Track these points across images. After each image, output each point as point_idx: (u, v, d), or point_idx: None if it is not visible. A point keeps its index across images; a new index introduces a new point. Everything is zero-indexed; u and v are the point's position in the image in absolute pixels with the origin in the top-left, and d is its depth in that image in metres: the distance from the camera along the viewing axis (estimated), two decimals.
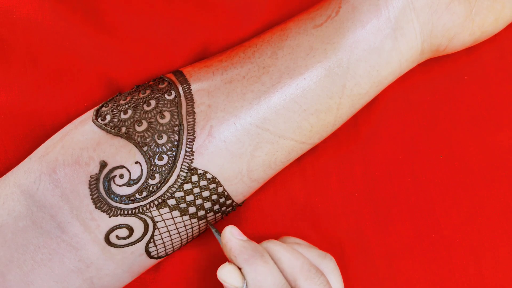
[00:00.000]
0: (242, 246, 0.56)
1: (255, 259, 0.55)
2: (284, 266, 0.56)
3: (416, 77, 0.66)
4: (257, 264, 0.55)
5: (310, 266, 0.56)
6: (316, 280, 0.56)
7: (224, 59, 0.60)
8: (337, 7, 0.59)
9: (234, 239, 0.56)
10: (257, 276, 0.55)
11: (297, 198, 0.65)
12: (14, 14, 0.62)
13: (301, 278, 0.56)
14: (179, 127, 0.57)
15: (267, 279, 0.55)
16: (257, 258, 0.55)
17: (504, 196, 0.65)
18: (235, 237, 0.56)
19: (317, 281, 0.56)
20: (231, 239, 0.56)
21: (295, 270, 0.56)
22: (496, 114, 0.66)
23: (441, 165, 0.65)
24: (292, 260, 0.56)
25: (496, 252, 0.65)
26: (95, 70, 0.62)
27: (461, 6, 0.60)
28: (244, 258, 0.55)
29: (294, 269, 0.56)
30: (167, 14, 0.62)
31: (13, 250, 0.58)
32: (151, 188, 0.57)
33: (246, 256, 0.55)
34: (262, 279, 0.55)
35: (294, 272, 0.56)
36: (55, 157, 0.58)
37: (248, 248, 0.56)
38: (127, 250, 0.58)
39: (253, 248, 0.56)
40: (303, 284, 0.56)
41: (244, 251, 0.55)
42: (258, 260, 0.55)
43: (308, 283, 0.56)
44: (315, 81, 0.58)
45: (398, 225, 0.65)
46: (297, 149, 0.60)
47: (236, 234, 0.56)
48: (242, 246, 0.56)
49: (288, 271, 0.56)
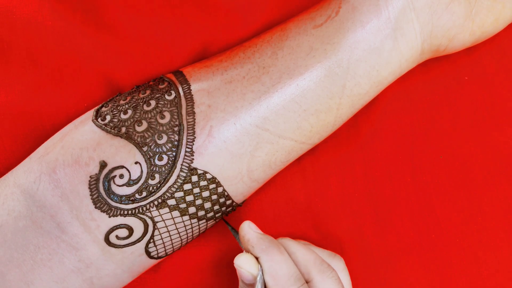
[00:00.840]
0: (259, 238, 0.58)
1: (271, 249, 0.57)
2: (299, 259, 0.58)
3: (416, 77, 0.66)
4: (274, 254, 0.57)
5: (322, 261, 0.59)
6: (329, 273, 0.58)
7: (224, 59, 0.60)
8: (337, 7, 0.59)
9: (252, 232, 0.58)
10: (273, 265, 0.57)
11: (297, 198, 0.65)
12: (14, 14, 0.62)
13: (314, 270, 0.58)
14: (179, 127, 0.57)
15: (282, 267, 0.57)
16: (274, 249, 0.58)
17: (504, 196, 0.65)
18: (253, 230, 0.59)
19: (329, 274, 0.58)
20: (249, 231, 0.58)
21: (309, 263, 0.58)
22: (496, 114, 0.66)
23: (441, 165, 0.65)
24: (306, 254, 0.58)
25: (496, 252, 0.65)
26: (95, 70, 0.62)
27: (461, 6, 0.59)
28: (261, 248, 0.58)
29: (308, 262, 0.58)
30: (167, 14, 0.62)
31: (13, 250, 0.58)
32: (151, 188, 0.57)
33: (263, 246, 0.58)
34: (278, 267, 0.57)
35: (307, 265, 0.58)
36: (55, 157, 0.58)
37: (265, 239, 0.58)
38: (127, 250, 0.58)
39: (270, 240, 0.58)
40: (316, 276, 0.58)
41: (261, 242, 0.58)
42: (274, 250, 0.57)
43: (321, 276, 0.58)
44: (315, 81, 0.58)
45: (398, 225, 0.65)
46: (297, 149, 0.60)
47: (254, 228, 0.59)
48: (259, 237, 0.58)
49: (302, 264, 0.58)
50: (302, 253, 0.59)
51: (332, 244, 0.65)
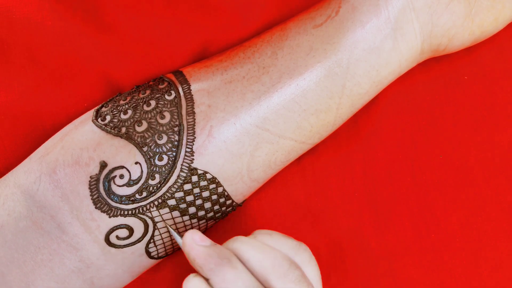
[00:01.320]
0: (206, 254, 0.52)
1: (222, 266, 0.52)
2: (254, 266, 0.53)
3: (416, 77, 0.66)
4: (225, 272, 0.52)
5: (282, 261, 0.53)
6: (290, 276, 0.53)
7: (224, 59, 0.60)
8: (337, 7, 0.59)
9: (197, 247, 0.53)
10: (227, 286, 0.52)
11: (297, 198, 0.65)
12: (14, 14, 0.62)
13: (273, 277, 0.52)
14: (179, 127, 0.57)
15: (238, 286, 0.52)
16: (224, 265, 0.52)
17: (504, 196, 0.65)
18: (198, 243, 0.53)
19: (291, 277, 0.53)
20: (193, 247, 0.53)
21: (266, 270, 0.53)
22: (496, 114, 0.66)
23: (441, 165, 0.65)
24: (262, 259, 0.53)
25: (496, 252, 0.65)
26: (95, 70, 0.62)
27: (460, 6, 0.59)
28: (210, 268, 0.52)
29: (265, 268, 0.53)
30: (167, 14, 0.62)
31: (13, 251, 0.58)
32: (151, 189, 0.57)
33: (212, 266, 0.52)
34: (232, 287, 0.52)
35: (265, 272, 0.53)
36: (55, 157, 0.58)
37: (213, 255, 0.52)
38: (127, 250, 0.58)
39: (218, 255, 0.52)
40: (276, 283, 0.52)
41: (209, 260, 0.52)
42: (225, 268, 0.52)
43: (282, 281, 0.53)
44: (315, 81, 0.58)
45: (398, 225, 0.65)
46: (297, 149, 0.60)
47: (198, 240, 0.53)
48: (206, 254, 0.52)
49: (259, 272, 0.53)
50: (257, 259, 0.52)
51: (332, 244, 0.65)
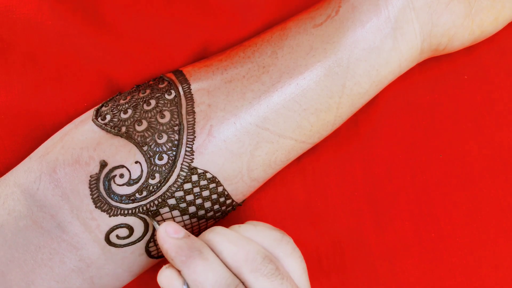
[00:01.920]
0: (177, 247, 0.53)
1: (192, 258, 0.52)
2: (227, 258, 0.53)
3: (416, 77, 0.66)
4: (196, 264, 0.52)
5: (255, 255, 0.53)
6: (263, 270, 0.52)
7: (224, 58, 0.60)
8: (337, 7, 0.59)
9: (169, 239, 0.53)
10: (197, 277, 0.52)
11: (297, 198, 0.65)
12: (14, 14, 0.62)
13: (246, 270, 0.52)
14: (179, 127, 0.57)
15: (208, 278, 0.52)
16: (195, 257, 0.52)
17: (504, 196, 0.65)
18: (170, 236, 0.53)
19: (264, 271, 0.53)
20: (166, 239, 0.53)
21: (238, 262, 0.52)
22: (496, 114, 0.66)
23: (441, 165, 0.65)
24: (235, 251, 0.53)
25: (496, 252, 0.65)
26: (95, 70, 0.62)
27: (460, 6, 0.60)
28: (181, 259, 0.52)
29: (237, 261, 0.52)
30: (167, 14, 0.62)
31: (14, 250, 0.58)
32: (151, 188, 0.57)
33: (183, 258, 0.52)
34: (203, 279, 0.52)
35: (237, 265, 0.52)
36: (55, 156, 0.58)
37: (184, 247, 0.52)
38: (127, 249, 0.58)
39: (189, 247, 0.52)
40: (248, 277, 0.52)
41: (180, 252, 0.52)
42: (196, 260, 0.52)
43: (254, 275, 0.52)
44: (315, 80, 0.58)
45: (398, 225, 0.65)
46: (297, 149, 0.60)
47: (172, 232, 0.53)
48: (177, 246, 0.53)
49: (231, 264, 0.53)
50: (231, 251, 0.52)
51: (332, 244, 0.65)
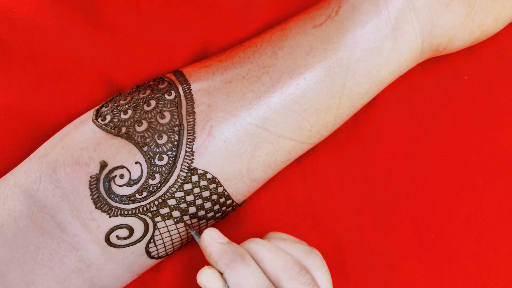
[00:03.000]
0: (222, 250, 0.54)
1: (235, 262, 0.54)
2: (267, 266, 0.55)
3: (416, 77, 0.66)
4: (238, 268, 0.54)
5: (293, 265, 0.55)
6: (301, 278, 0.55)
7: (224, 59, 0.60)
8: (337, 7, 0.59)
9: (214, 243, 0.55)
10: (239, 280, 0.54)
11: (297, 198, 0.65)
12: (14, 14, 0.62)
13: (285, 278, 0.54)
14: (179, 127, 0.57)
15: (249, 282, 0.54)
16: (238, 262, 0.54)
17: (504, 196, 0.65)
18: (215, 240, 0.55)
19: (301, 279, 0.55)
20: (211, 243, 0.55)
21: (278, 270, 0.55)
22: (496, 114, 0.66)
23: (441, 165, 0.65)
24: (275, 260, 0.55)
25: (496, 252, 0.65)
26: (95, 70, 0.62)
27: (460, 6, 0.60)
28: (225, 262, 0.54)
29: (277, 269, 0.55)
30: (167, 14, 0.62)
31: (14, 250, 0.58)
32: (151, 188, 0.57)
33: (226, 261, 0.54)
34: (244, 283, 0.54)
35: (277, 272, 0.55)
36: (55, 157, 0.58)
37: (229, 251, 0.54)
38: (127, 250, 0.58)
39: (233, 251, 0.54)
40: (286, 284, 0.54)
41: (224, 255, 0.54)
42: (239, 264, 0.54)
43: (292, 283, 0.54)
44: (315, 81, 0.58)
45: (398, 225, 0.65)
46: (297, 149, 0.60)
47: (216, 237, 0.55)
48: (222, 250, 0.54)
49: (271, 272, 0.55)
50: (270, 259, 0.55)
51: (332, 244, 0.65)
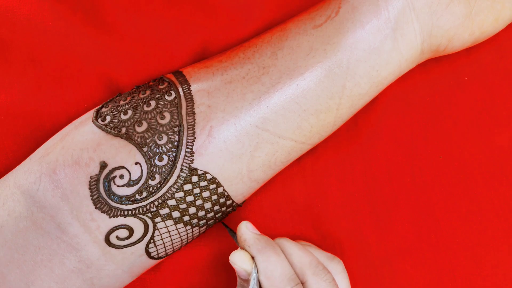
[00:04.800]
0: (256, 238, 0.58)
1: (267, 250, 0.58)
2: (294, 260, 0.59)
3: (416, 77, 0.66)
4: (269, 255, 0.58)
5: (318, 263, 0.59)
6: (323, 276, 0.58)
7: (224, 59, 0.60)
8: (337, 8, 0.59)
9: (248, 232, 0.59)
10: (268, 265, 0.57)
11: (297, 198, 0.65)
12: (14, 14, 0.62)
13: (309, 272, 0.58)
14: (179, 128, 0.57)
15: (277, 268, 0.57)
16: (270, 250, 0.58)
17: (504, 196, 0.65)
18: (250, 230, 0.59)
19: (323, 277, 0.58)
20: (246, 231, 0.59)
21: (304, 265, 0.58)
22: (496, 114, 0.66)
23: (441, 165, 0.65)
24: (302, 256, 0.59)
25: (496, 252, 0.65)
26: (95, 70, 0.62)
27: (460, 6, 0.59)
28: (258, 248, 0.58)
29: (303, 264, 0.58)
30: (167, 14, 0.62)
31: (13, 251, 0.58)
32: (151, 189, 0.57)
33: (259, 247, 0.58)
34: (273, 268, 0.57)
35: (303, 266, 0.58)
36: (55, 157, 0.58)
37: (262, 240, 0.58)
38: (127, 250, 0.58)
39: (266, 241, 0.58)
40: (310, 278, 0.58)
41: (258, 242, 0.58)
42: (270, 251, 0.58)
43: (315, 278, 0.58)
44: (315, 81, 0.58)
45: (398, 225, 0.65)
46: (297, 150, 0.60)
47: (251, 228, 0.59)
48: (256, 238, 0.58)
49: (297, 265, 0.59)
50: (298, 255, 0.59)
51: (332, 244, 0.65)
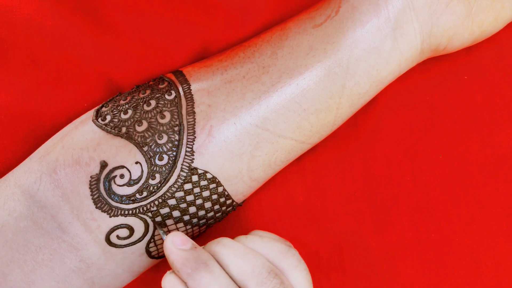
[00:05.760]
0: (183, 258, 0.53)
1: (198, 271, 0.53)
2: (233, 272, 0.54)
3: (416, 77, 0.66)
4: (201, 277, 0.53)
5: (261, 269, 0.54)
6: (268, 284, 0.53)
7: (224, 59, 0.60)
8: (337, 7, 0.59)
9: (175, 250, 0.54)
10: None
11: (297, 198, 0.65)
12: (14, 14, 0.62)
13: (252, 284, 0.53)
14: (179, 127, 0.57)
15: None
16: (201, 270, 0.53)
17: (504, 196, 0.65)
18: (177, 247, 0.54)
19: (269, 285, 0.53)
20: (172, 250, 0.54)
21: (245, 276, 0.53)
22: (496, 114, 0.66)
23: (441, 165, 0.65)
24: (241, 265, 0.54)
25: (496, 252, 0.65)
26: (95, 70, 0.62)
27: (460, 6, 0.60)
28: (187, 272, 0.53)
29: (243, 274, 0.53)
30: (167, 14, 0.62)
31: (14, 251, 0.58)
32: (151, 188, 0.57)
33: (188, 270, 0.53)
34: None
35: (243, 278, 0.53)
36: (55, 157, 0.58)
37: (191, 259, 0.53)
38: (127, 250, 0.58)
39: (196, 259, 0.53)
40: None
41: (186, 264, 0.53)
42: (202, 272, 0.53)
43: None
44: (315, 80, 0.58)
45: (398, 225, 0.65)
46: (297, 149, 0.60)
47: (179, 243, 0.54)
48: (184, 258, 0.53)
49: (237, 277, 0.53)
50: (237, 265, 0.53)
51: (332, 244, 0.65)
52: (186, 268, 0.53)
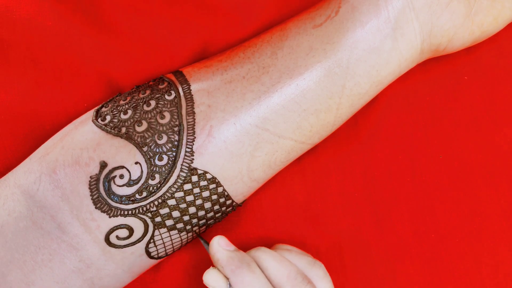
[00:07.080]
0: (229, 257, 0.57)
1: (241, 269, 0.56)
2: (271, 274, 0.57)
3: (416, 77, 0.66)
4: (243, 275, 0.56)
5: (296, 274, 0.57)
6: (303, 287, 0.57)
7: (224, 59, 0.60)
8: (337, 7, 0.59)
9: (221, 250, 0.57)
10: (244, 286, 0.56)
11: (297, 198, 0.65)
12: (14, 14, 0.62)
13: (287, 286, 0.57)
14: (179, 127, 0.57)
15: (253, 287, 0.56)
16: (244, 268, 0.56)
17: (504, 196, 0.65)
18: (223, 247, 0.57)
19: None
20: (219, 249, 0.57)
21: (281, 279, 0.57)
22: (496, 114, 0.66)
23: (441, 165, 0.65)
24: (279, 269, 0.57)
25: (496, 252, 0.65)
26: (95, 70, 0.62)
27: (460, 6, 0.60)
28: (231, 268, 0.56)
29: (280, 277, 0.57)
30: (167, 14, 0.62)
31: (14, 251, 0.58)
32: (151, 189, 0.57)
33: (232, 267, 0.56)
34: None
35: (280, 280, 0.57)
36: (55, 157, 0.58)
37: (235, 258, 0.57)
38: (127, 250, 0.58)
39: (239, 258, 0.57)
40: None
41: (231, 262, 0.57)
42: (244, 270, 0.56)
43: None
44: (315, 81, 0.58)
45: (398, 225, 0.65)
46: (297, 149, 0.60)
47: (224, 245, 0.57)
48: (229, 256, 0.57)
49: (274, 280, 0.57)
50: (275, 268, 0.57)
51: (332, 244, 0.65)
52: (231, 265, 0.56)
